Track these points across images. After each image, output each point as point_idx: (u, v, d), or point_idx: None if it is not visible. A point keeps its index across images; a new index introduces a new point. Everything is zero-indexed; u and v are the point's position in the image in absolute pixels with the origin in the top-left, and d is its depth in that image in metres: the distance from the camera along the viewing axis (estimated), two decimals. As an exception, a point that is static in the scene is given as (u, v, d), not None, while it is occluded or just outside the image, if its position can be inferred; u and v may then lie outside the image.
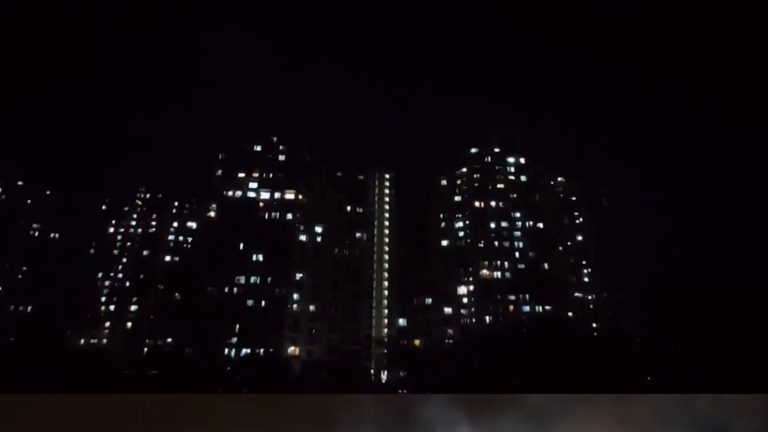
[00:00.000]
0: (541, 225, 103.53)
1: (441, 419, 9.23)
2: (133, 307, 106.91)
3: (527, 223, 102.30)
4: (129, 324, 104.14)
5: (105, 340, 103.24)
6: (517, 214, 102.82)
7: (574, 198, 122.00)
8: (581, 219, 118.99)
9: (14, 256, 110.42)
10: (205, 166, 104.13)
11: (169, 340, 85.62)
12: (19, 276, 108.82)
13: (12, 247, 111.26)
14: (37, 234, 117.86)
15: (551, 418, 9.44)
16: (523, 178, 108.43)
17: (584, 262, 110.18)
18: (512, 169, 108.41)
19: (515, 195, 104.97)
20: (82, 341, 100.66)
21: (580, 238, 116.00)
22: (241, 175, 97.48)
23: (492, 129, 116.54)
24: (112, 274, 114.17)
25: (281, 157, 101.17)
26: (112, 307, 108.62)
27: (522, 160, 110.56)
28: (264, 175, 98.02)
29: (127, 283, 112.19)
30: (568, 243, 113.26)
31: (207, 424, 8.87)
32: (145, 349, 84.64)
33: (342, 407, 9.13)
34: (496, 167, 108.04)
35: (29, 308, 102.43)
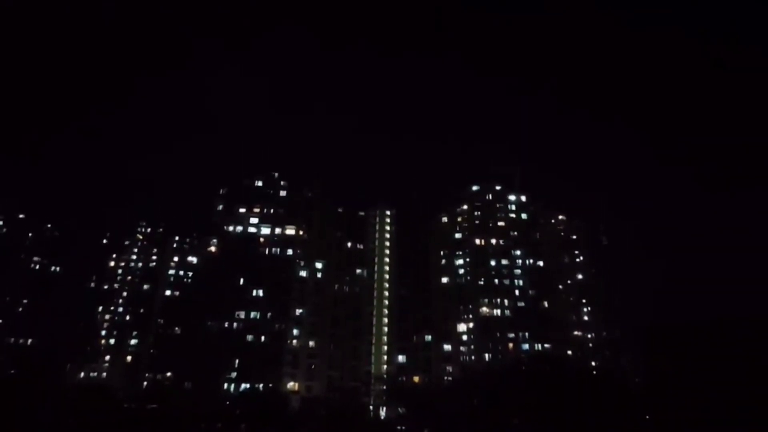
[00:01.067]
0: (541, 263, 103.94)
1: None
2: (133, 341, 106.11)
3: (527, 261, 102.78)
4: (129, 358, 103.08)
5: (105, 374, 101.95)
6: (518, 252, 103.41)
7: (574, 236, 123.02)
8: (581, 257, 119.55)
9: (14, 289, 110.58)
10: (206, 201, 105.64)
11: (169, 374, 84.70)
12: (20, 309, 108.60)
13: (12, 280, 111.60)
14: (37, 267, 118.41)
15: None
16: (523, 215, 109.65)
17: (584, 301, 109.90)
18: (513, 207, 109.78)
19: (516, 233, 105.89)
20: (82, 375, 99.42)
21: (580, 276, 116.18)
22: (242, 210, 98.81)
23: (493, 166, 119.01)
24: (112, 308, 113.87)
25: (282, 193, 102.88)
26: (112, 341, 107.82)
27: (523, 198, 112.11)
28: (265, 210, 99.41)
29: (128, 317, 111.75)
30: (568, 281, 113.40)
31: None
32: (145, 383, 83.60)
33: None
34: (497, 205, 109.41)
35: (29, 341, 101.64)
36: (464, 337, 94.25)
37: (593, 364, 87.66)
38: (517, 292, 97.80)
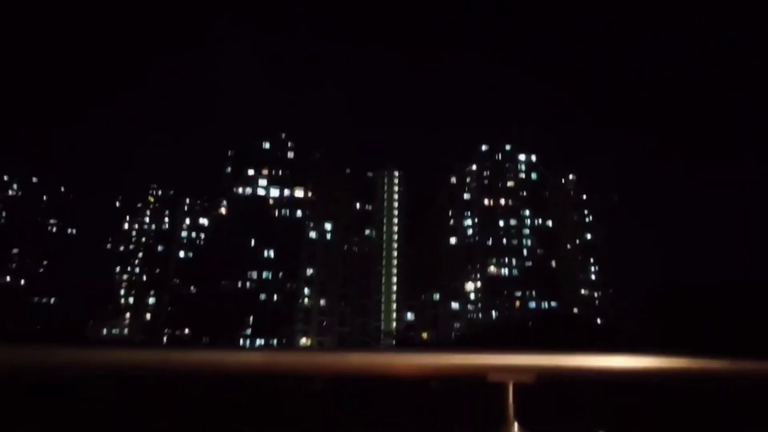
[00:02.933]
0: (549, 223, 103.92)
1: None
2: (151, 300, 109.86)
3: (536, 221, 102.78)
4: (148, 316, 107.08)
5: (126, 330, 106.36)
6: (527, 212, 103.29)
7: (584, 196, 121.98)
8: (590, 217, 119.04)
9: (35, 251, 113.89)
10: (216, 164, 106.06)
11: (187, 330, 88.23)
12: (41, 270, 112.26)
13: (32, 242, 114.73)
14: (54, 230, 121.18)
15: None
16: (533, 175, 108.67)
17: (591, 260, 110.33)
18: (523, 167, 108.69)
19: (525, 193, 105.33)
20: (105, 331, 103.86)
21: (588, 236, 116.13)
22: (251, 172, 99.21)
23: (504, 125, 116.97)
24: (129, 269, 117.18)
25: (290, 155, 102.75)
26: (131, 300, 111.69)
27: (533, 158, 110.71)
28: (273, 172, 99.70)
29: (144, 278, 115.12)
30: (576, 241, 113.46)
31: None
32: (165, 339, 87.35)
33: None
34: (507, 165, 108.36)
35: (52, 300, 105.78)
36: (472, 296, 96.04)
37: (599, 321, 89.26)
38: (525, 251, 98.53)
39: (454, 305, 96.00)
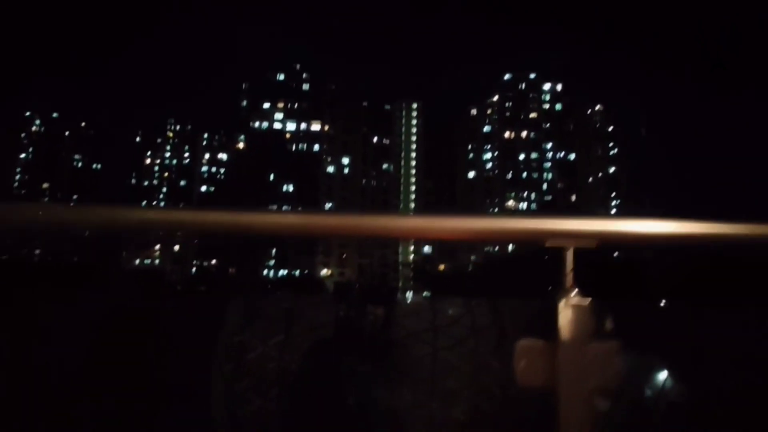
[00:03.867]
0: (572, 156, 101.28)
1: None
2: (178, 233, 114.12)
3: (558, 154, 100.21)
4: (176, 247, 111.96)
5: (157, 261, 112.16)
6: (549, 145, 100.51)
7: (610, 128, 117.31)
8: (615, 150, 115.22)
9: (62, 186, 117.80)
10: (232, 98, 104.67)
11: (214, 261, 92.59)
12: (71, 204, 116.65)
13: (58, 177, 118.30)
14: (80, 165, 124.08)
15: None
16: (557, 106, 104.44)
17: (613, 194, 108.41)
18: (547, 97, 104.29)
19: (548, 124, 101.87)
20: (137, 261, 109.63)
21: (612, 169, 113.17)
22: (266, 105, 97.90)
23: (530, 52, 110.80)
24: (154, 203, 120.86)
25: (305, 87, 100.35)
26: (160, 232, 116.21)
27: (558, 87, 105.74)
28: (289, 105, 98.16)
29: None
30: (599, 174, 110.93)
31: None
32: (193, 269, 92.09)
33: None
34: (530, 95, 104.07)
35: (86, 233, 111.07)
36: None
37: (615, 255, 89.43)
38: (545, 185, 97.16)
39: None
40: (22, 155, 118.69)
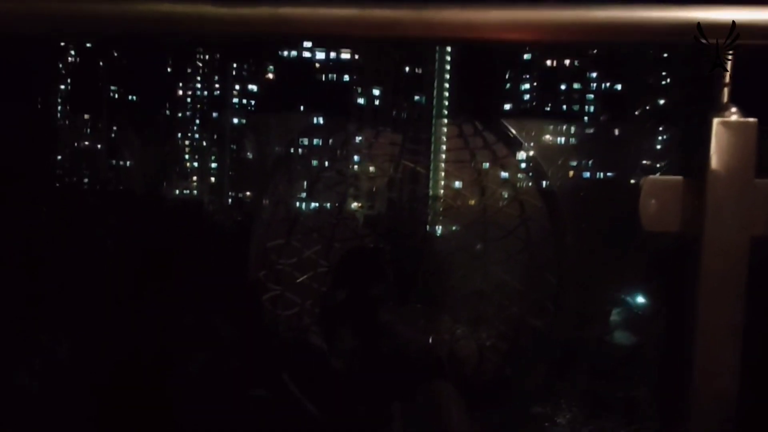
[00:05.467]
0: (619, 86, 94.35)
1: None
2: (213, 165, 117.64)
3: (603, 85, 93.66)
4: (212, 179, 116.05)
5: (195, 192, 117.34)
6: (594, 75, 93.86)
7: (665, 54, 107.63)
8: (668, 80, 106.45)
9: (104, 117, 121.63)
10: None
11: (248, 193, 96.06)
12: (112, 135, 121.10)
13: (98, 108, 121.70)
14: (116, 96, 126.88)
15: None
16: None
17: (661, 128, 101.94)
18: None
19: (596, 50, 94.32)
20: (177, 192, 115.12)
21: (662, 101, 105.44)
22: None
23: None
24: (189, 135, 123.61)
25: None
26: (195, 164, 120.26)
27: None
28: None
29: (204, 143, 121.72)
30: (647, 107, 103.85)
31: None
32: (229, 201, 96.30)
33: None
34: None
35: (128, 163, 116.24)
36: (522, 165, 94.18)
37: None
38: (586, 118, 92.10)
39: (503, 174, 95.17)
40: (62, 86, 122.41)
